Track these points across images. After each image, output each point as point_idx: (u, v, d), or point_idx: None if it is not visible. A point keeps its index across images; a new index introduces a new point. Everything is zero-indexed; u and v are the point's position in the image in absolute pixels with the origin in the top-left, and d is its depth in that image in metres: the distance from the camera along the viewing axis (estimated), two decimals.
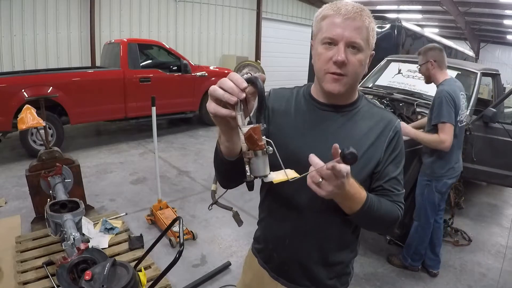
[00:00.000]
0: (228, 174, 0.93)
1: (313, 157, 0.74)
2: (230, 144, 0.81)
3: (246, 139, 0.69)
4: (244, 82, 0.68)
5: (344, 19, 0.84)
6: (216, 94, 0.69)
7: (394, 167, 0.96)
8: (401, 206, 0.97)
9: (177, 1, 8.79)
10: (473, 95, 3.32)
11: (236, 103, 0.69)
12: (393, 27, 6.12)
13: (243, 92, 0.68)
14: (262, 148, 0.70)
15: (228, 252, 2.82)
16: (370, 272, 2.65)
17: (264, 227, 1.12)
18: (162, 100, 5.26)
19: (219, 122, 0.75)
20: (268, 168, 0.73)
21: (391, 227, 0.99)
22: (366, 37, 0.87)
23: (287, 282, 1.07)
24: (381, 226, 1.00)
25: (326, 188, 0.74)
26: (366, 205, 0.86)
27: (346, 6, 0.85)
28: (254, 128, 0.68)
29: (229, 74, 0.70)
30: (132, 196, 3.72)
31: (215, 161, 0.92)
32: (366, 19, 0.86)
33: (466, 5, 10.97)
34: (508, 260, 2.96)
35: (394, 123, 0.97)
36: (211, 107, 0.71)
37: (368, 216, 0.89)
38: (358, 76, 0.91)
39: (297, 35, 11.62)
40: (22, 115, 2.83)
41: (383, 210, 0.91)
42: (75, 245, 1.94)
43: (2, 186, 3.80)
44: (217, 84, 0.70)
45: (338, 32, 0.85)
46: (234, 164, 0.83)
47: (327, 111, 0.97)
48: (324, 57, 0.88)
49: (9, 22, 6.35)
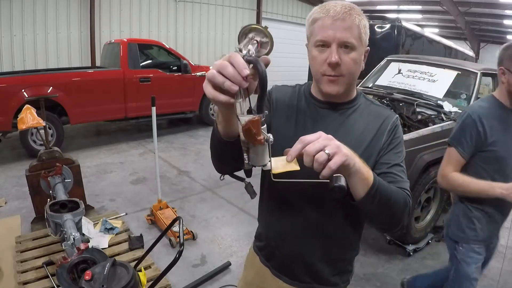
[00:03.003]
0: (224, 156, 0.88)
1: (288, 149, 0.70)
2: (228, 124, 0.76)
3: (244, 133, 0.64)
4: (247, 68, 0.61)
5: (334, 20, 0.84)
6: (216, 81, 0.62)
7: (395, 156, 0.95)
8: (408, 193, 0.89)
9: (177, 1, 8.79)
10: (473, 95, 3.32)
11: (237, 91, 0.62)
12: (393, 27, 6.12)
13: (245, 80, 0.62)
14: (261, 143, 0.64)
15: (228, 252, 2.82)
16: (370, 272, 2.65)
17: (266, 224, 1.12)
18: (162, 100, 5.25)
19: (217, 104, 0.69)
20: (267, 157, 0.69)
21: (401, 216, 0.88)
22: (358, 35, 0.87)
23: (289, 280, 1.07)
24: (392, 211, 0.86)
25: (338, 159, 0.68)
26: (376, 181, 0.79)
27: (335, 7, 0.85)
28: (253, 122, 0.62)
29: (229, 56, 0.63)
30: (132, 196, 3.72)
31: (212, 142, 0.87)
32: (356, 18, 0.86)
33: (466, 5, 10.98)
34: (508, 260, 2.96)
35: (392, 118, 0.98)
36: (207, 90, 0.65)
37: (380, 195, 0.80)
38: (354, 74, 0.91)
39: (297, 35, 11.61)
40: (22, 115, 2.83)
41: (392, 193, 0.83)
42: (75, 245, 1.94)
43: (2, 186, 3.80)
44: (216, 68, 0.63)
45: (330, 34, 0.85)
46: (232, 145, 0.78)
47: (326, 109, 0.98)
48: (319, 60, 0.89)
49: (9, 22, 6.35)
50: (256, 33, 0.71)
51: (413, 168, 2.61)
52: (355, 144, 0.93)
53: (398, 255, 2.87)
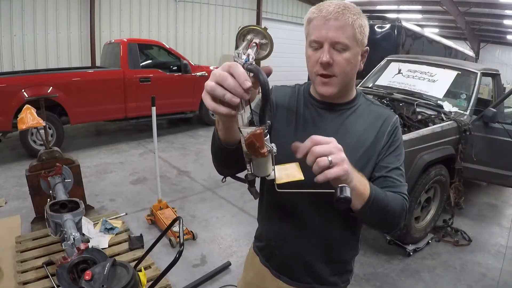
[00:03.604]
0: (225, 160, 0.87)
1: (297, 143, 0.69)
2: (229, 132, 0.75)
3: (247, 146, 0.61)
4: (248, 80, 0.58)
5: (326, 20, 0.84)
6: (215, 93, 0.60)
7: (395, 159, 0.95)
8: (406, 197, 0.91)
9: (177, 1, 8.79)
10: (473, 95, 3.32)
11: (238, 103, 0.60)
12: (393, 27, 6.13)
13: (247, 92, 0.59)
14: (264, 156, 0.62)
15: (228, 252, 2.82)
16: (370, 272, 2.65)
17: (266, 225, 1.12)
18: (162, 100, 5.25)
19: (218, 115, 0.68)
20: (270, 168, 0.68)
21: (399, 220, 0.91)
22: (352, 34, 0.85)
23: (289, 280, 1.07)
24: (388, 219, 0.90)
25: (340, 166, 0.69)
26: (372, 192, 0.81)
27: (328, 7, 0.84)
28: (256, 135, 0.60)
29: (229, 65, 0.60)
30: (132, 196, 3.72)
31: (213, 146, 0.86)
32: (350, 17, 0.84)
33: (466, 5, 10.98)
34: (508, 260, 2.96)
35: (392, 119, 0.97)
36: (207, 102, 0.62)
37: (377, 205, 0.82)
38: (348, 75, 0.90)
39: (297, 35, 11.59)
40: (22, 115, 2.83)
41: (389, 200, 0.86)
42: (75, 245, 1.94)
43: (2, 186, 3.80)
44: (214, 79, 0.60)
45: (322, 33, 0.85)
46: (233, 151, 0.77)
47: (325, 109, 0.98)
48: (312, 60, 0.89)
49: (9, 22, 6.35)
50: (255, 34, 0.69)
51: (413, 168, 2.61)
52: (355, 145, 0.93)
53: (398, 255, 2.87)
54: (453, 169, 3.04)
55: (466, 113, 3.20)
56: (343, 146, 0.86)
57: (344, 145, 0.94)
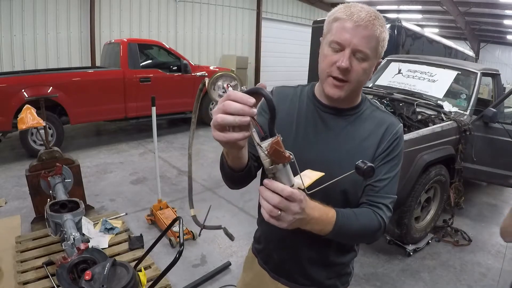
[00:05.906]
0: (237, 181, 0.90)
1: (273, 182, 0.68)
2: (237, 159, 0.79)
3: (272, 155, 0.64)
4: (250, 97, 0.61)
5: (355, 26, 0.82)
6: (227, 122, 0.60)
7: (389, 169, 0.93)
8: (382, 215, 0.91)
9: (177, 1, 8.79)
10: (473, 95, 3.32)
11: (249, 122, 0.62)
12: (393, 27, 6.12)
13: (253, 108, 0.61)
14: (290, 159, 0.65)
15: (228, 252, 2.82)
16: (370, 272, 2.65)
17: (264, 228, 1.12)
18: (162, 100, 5.26)
19: (231, 146, 0.68)
20: (292, 177, 0.70)
21: (371, 239, 0.95)
22: (375, 46, 0.85)
23: (287, 282, 1.07)
24: (360, 240, 1.01)
25: (286, 219, 0.69)
26: (338, 225, 0.82)
27: (360, 12, 0.83)
28: (276, 142, 0.64)
29: (227, 94, 0.62)
30: (132, 196, 3.72)
31: (222, 170, 0.88)
32: (378, 28, 0.83)
33: (466, 5, 10.97)
34: (508, 260, 2.96)
35: (396, 127, 0.96)
36: (219, 137, 0.62)
37: (344, 234, 0.86)
38: (360, 83, 0.90)
39: (297, 35, 11.61)
40: (22, 115, 2.83)
41: (359, 225, 0.87)
42: (75, 245, 1.94)
43: (2, 186, 3.80)
44: (219, 111, 0.61)
45: (347, 37, 0.83)
46: (242, 174, 0.83)
47: (329, 113, 0.96)
48: (329, 60, 0.87)
49: (9, 22, 6.35)
50: (224, 79, 0.70)
51: (413, 168, 2.61)
52: (356, 150, 0.92)
53: (398, 255, 2.87)
54: (453, 169, 3.04)
55: (466, 113, 3.20)
56: (344, 150, 0.86)
57: (344, 150, 0.93)
